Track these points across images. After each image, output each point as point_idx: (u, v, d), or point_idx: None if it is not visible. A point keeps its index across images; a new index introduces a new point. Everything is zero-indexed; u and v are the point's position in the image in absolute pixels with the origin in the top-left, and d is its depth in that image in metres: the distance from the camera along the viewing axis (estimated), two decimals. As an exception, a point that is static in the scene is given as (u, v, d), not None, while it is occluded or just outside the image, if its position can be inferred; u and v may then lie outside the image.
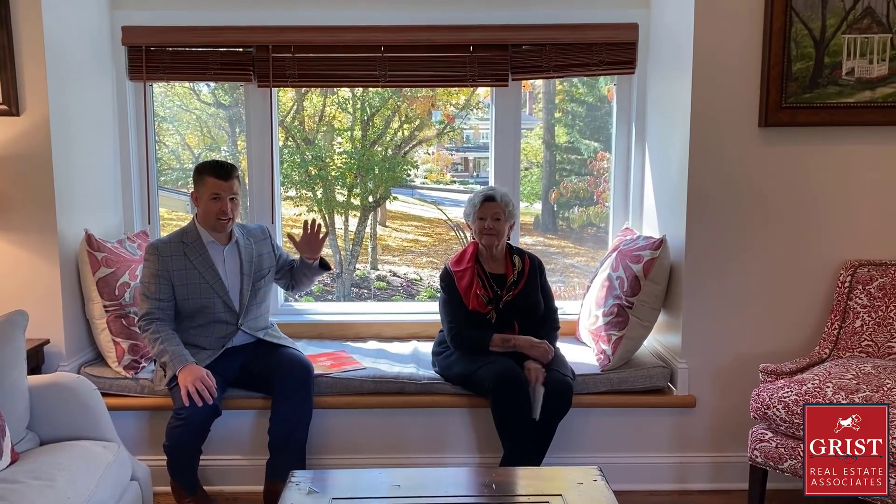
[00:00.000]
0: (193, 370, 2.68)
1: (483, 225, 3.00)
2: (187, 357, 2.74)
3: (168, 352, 2.73)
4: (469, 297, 2.96)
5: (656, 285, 3.05)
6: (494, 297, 2.98)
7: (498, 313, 2.97)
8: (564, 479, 2.15)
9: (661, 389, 3.08)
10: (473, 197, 3.07)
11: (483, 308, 2.96)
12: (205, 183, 2.82)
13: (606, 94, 4.17)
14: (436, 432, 3.04)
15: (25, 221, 2.92)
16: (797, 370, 2.77)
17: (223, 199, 2.81)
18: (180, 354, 2.73)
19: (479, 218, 3.01)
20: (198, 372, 2.68)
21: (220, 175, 2.81)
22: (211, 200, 2.81)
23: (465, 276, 2.99)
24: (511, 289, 3.00)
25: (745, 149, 2.92)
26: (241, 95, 3.85)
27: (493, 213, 2.99)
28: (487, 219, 2.99)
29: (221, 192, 2.80)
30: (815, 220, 2.96)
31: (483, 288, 2.98)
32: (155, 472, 2.66)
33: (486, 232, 3.00)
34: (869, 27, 2.82)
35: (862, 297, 2.87)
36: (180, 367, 2.69)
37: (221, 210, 2.81)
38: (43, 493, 1.99)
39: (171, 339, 2.77)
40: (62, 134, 2.96)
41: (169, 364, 2.72)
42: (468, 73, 3.41)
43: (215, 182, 2.81)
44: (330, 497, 2.03)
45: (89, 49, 3.23)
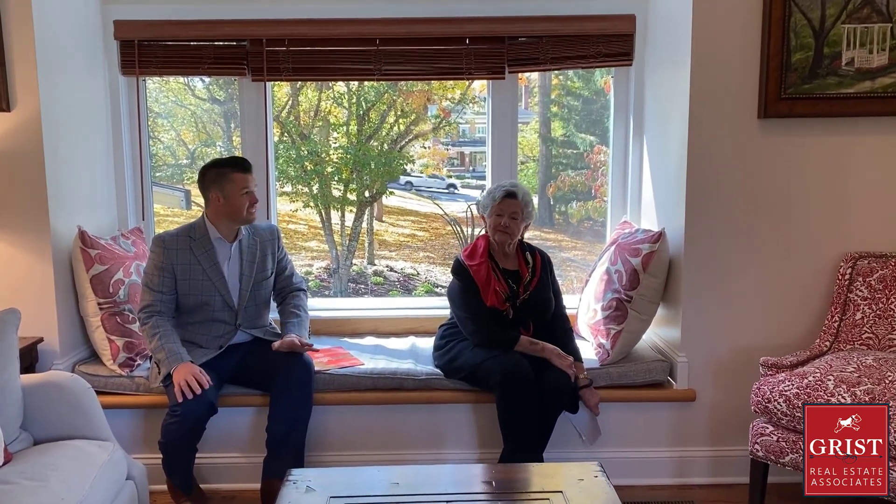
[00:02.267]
0: (187, 367, 2.67)
1: (499, 222, 2.93)
2: (183, 356, 2.71)
3: (164, 349, 2.71)
4: (487, 293, 2.90)
5: (655, 279, 3.03)
6: (512, 294, 2.94)
7: (514, 310, 2.93)
8: (565, 476, 2.13)
9: (661, 383, 3.06)
10: (494, 190, 2.98)
11: (501, 305, 2.91)
12: (231, 179, 2.82)
13: (603, 86, 4.15)
14: (434, 428, 3.02)
15: (18, 219, 2.89)
16: (798, 363, 2.75)
17: (252, 190, 2.86)
18: (176, 353, 2.71)
19: (496, 214, 2.94)
20: (191, 368, 2.67)
21: (245, 169, 2.86)
22: (243, 195, 2.83)
23: (480, 271, 2.92)
24: (528, 286, 2.95)
25: (745, 140, 2.90)
26: (235, 91, 3.81)
27: (511, 211, 2.92)
28: (505, 216, 2.92)
29: (249, 185, 2.85)
30: (814, 212, 2.94)
31: (500, 284, 2.94)
32: (151, 470, 2.63)
33: (500, 229, 2.93)
34: (869, 17, 2.80)
35: (862, 289, 2.85)
36: (175, 365, 2.67)
37: (252, 202, 2.85)
38: (36, 494, 1.96)
39: (168, 336, 2.75)
40: (54, 130, 2.93)
41: (164, 362, 2.70)
42: (464, 66, 3.38)
43: (242, 177, 2.84)
44: (328, 496, 2.00)
45: (81, 44, 3.19)
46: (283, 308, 3.08)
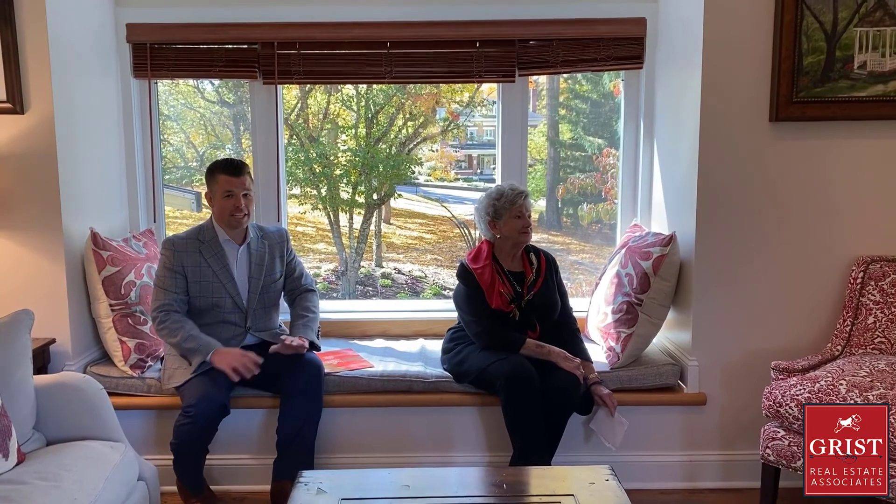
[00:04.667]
0: (229, 353, 2.73)
1: (522, 223, 2.93)
2: (213, 342, 2.76)
3: (195, 338, 2.75)
4: (492, 296, 2.91)
5: (666, 282, 3.02)
6: (516, 296, 2.94)
7: (520, 312, 2.93)
8: (576, 479, 2.12)
9: (671, 387, 3.05)
10: (505, 194, 2.95)
11: (506, 307, 2.91)
12: (217, 181, 2.83)
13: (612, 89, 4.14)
14: (444, 431, 3.02)
15: (30, 220, 2.91)
16: (809, 367, 2.74)
17: (236, 195, 2.81)
18: (206, 341, 2.75)
19: (516, 216, 2.93)
20: (233, 352, 2.73)
21: (232, 171, 2.82)
22: (224, 198, 2.82)
23: (485, 274, 2.92)
24: (532, 287, 2.96)
25: (756, 144, 2.89)
26: (245, 93, 3.83)
27: (528, 210, 2.96)
28: (524, 216, 2.94)
29: (234, 188, 2.81)
30: (826, 216, 2.93)
31: (505, 286, 2.94)
32: (162, 471, 2.64)
33: (523, 230, 2.94)
34: (881, 20, 2.79)
35: (874, 293, 2.84)
36: (211, 351, 2.71)
37: (235, 206, 2.82)
38: (49, 494, 1.97)
39: (192, 328, 2.79)
40: (67, 132, 2.94)
41: (198, 350, 2.72)
42: (475, 69, 3.39)
43: (227, 179, 2.81)
44: (339, 497, 2.01)
45: (93, 46, 3.21)
46: (293, 309, 3.09)
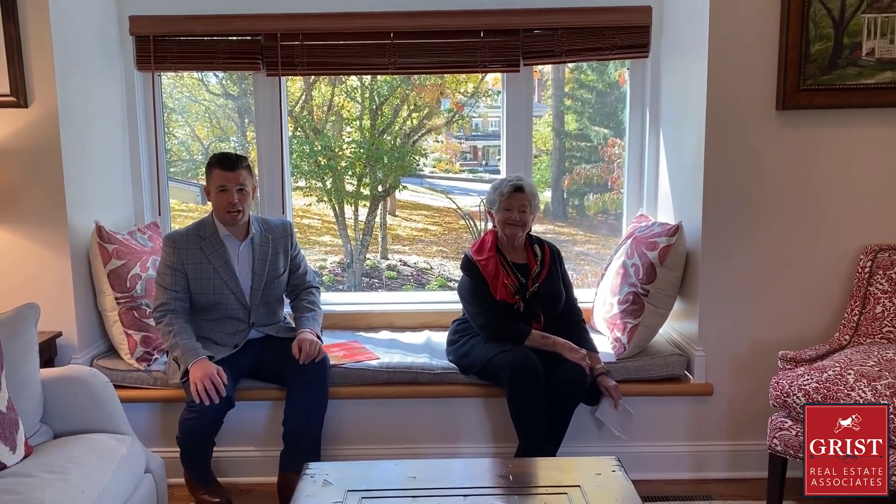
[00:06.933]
0: (204, 366, 2.64)
1: (510, 216, 2.92)
2: (199, 351, 2.71)
3: (180, 346, 2.70)
4: (496, 287, 2.90)
5: (672, 272, 3.01)
6: (521, 287, 2.93)
7: (525, 303, 2.92)
8: (582, 470, 2.12)
9: (678, 377, 3.04)
10: (501, 185, 2.97)
11: (511, 298, 2.90)
12: (212, 176, 2.80)
13: (617, 79, 4.11)
14: (450, 422, 3.02)
15: (35, 214, 2.91)
16: (817, 357, 2.73)
17: (229, 190, 2.77)
18: (192, 349, 2.70)
19: (505, 209, 2.93)
20: (208, 368, 2.63)
21: (226, 166, 2.78)
22: (218, 193, 2.78)
23: (489, 265, 2.92)
24: (536, 279, 2.95)
25: (763, 132, 2.87)
26: (249, 86, 3.82)
27: (520, 204, 2.92)
28: (514, 210, 2.92)
29: (227, 183, 2.77)
30: (834, 204, 2.91)
31: (509, 277, 2.94)
32: (169, 464, 2.64)
33: (511, 223, 2.93)
34: (890, 6, 2.76)
35: (882, 282, 2.82)
36: (192, 361, 2.66)
37: (229, 202, 2.77)
38: (57, 487, 1.98)
39: (183, 333, 2.74)
40: (71, 125, 2.94)
41: (180, 359, 2.70)
42: (479, 59, 3.37)
43: (221, 173, 2.78)
44: (345, 489, 2.01)
45: (97, 39, 3.20)
46: (296, 304, 3.07)
